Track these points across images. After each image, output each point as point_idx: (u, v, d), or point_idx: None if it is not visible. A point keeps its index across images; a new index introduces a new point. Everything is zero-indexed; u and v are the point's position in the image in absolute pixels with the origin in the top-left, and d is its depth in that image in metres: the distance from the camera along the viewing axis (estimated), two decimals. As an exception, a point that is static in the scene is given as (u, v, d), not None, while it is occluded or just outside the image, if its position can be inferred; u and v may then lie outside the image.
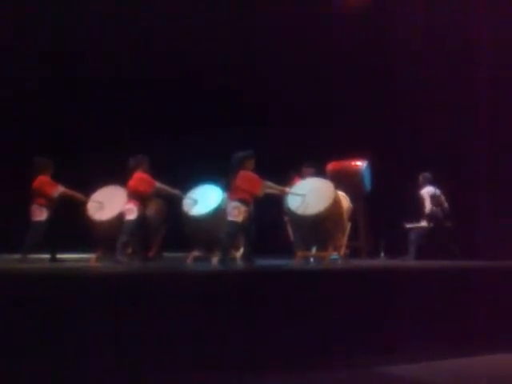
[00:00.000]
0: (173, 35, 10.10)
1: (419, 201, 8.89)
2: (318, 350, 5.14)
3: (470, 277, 6.32)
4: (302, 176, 8.70)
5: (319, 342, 5.18)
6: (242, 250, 7.86)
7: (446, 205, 8.88)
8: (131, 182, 7.62)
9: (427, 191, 8.87)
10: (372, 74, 10.48)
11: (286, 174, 8.81)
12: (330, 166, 9.56)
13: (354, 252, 9.21)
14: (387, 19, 10.28)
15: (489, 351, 5.55)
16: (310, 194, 7.74)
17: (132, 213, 7.48)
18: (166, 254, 8.75)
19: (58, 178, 7.88)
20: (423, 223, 8.80)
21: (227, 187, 7.67)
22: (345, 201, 8.40)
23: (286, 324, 5.13)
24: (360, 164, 9.59)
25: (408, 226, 8.87)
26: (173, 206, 8.41)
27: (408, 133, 10.24)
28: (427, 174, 8.96)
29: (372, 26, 10.34)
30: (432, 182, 8.95)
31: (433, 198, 8.84)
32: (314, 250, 8.31)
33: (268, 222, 8.25)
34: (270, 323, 5.08)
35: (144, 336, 4.59)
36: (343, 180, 8.91)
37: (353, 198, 8.80)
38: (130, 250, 7.76)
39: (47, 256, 7.71)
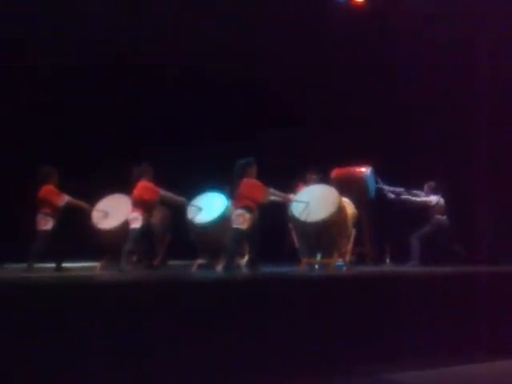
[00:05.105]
0: (175, 44, 10.12)
1: (424, 206, 8.91)
2: (322, 356, 5.14)
3: (473, 283, 6.30)
4: (306, 183, 8.71)
5: (323, 348, 5.18)
6: (246, 257, 7.88)
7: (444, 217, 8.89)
8: (136, 191, 7.65)
9: (431, 200, 8.90)
10: (375, 78, 10.49)
11: (290, 181, 8.83)
12: (334, 173, 9.53)
13: (359, 258, 9.20)
14: (388, 20, 10.30)
15: (491, 358, 5.53)
16: (314, 201, 7.74)
17: (137, 221, 7.52)
18: (171, 262, 8.76)
19: (62, 187, 7.91)
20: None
21: (231, 195, 7.70)
22: (349, 207, 8.38)
23: (290, 331, 5.12)
24: (364, 170, 9.57)
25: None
26: (177, 213, 8.43)
27: (411, 138, 10.25)
28: (432, 183, 8.99)
29: (373, 29, 10.36)
30: (437, 191, 8.97)
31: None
32: (318, 257, 8.31)
33: (273, 228, 8.26)
34: (274, 330, 5.08)
35: (148, 344, 4.60)
36: (347, 186, 8.87)
37: (357, 205, 8.80)
38: (135, 259, 7.79)
39: (53, 265, 7.73)
